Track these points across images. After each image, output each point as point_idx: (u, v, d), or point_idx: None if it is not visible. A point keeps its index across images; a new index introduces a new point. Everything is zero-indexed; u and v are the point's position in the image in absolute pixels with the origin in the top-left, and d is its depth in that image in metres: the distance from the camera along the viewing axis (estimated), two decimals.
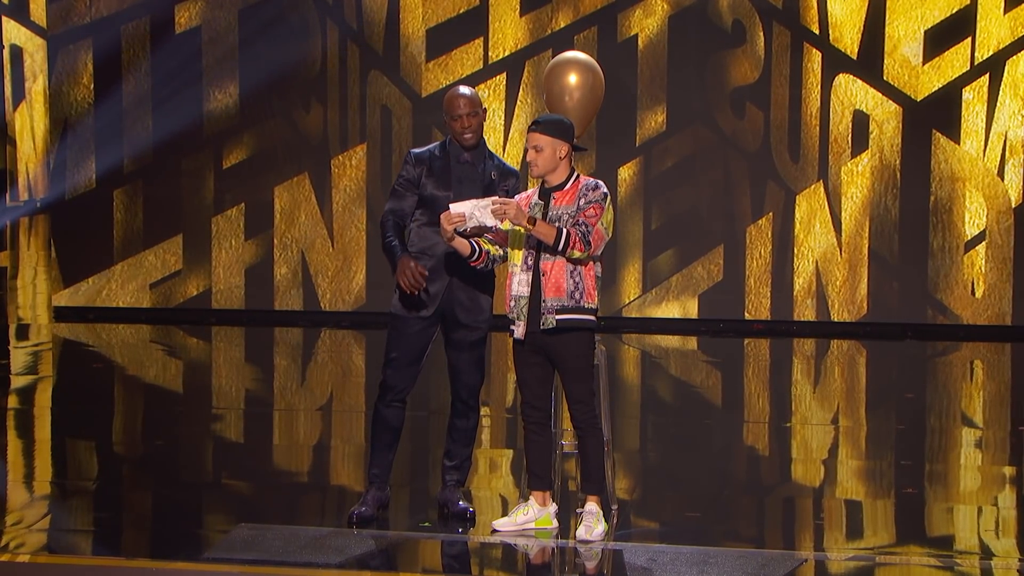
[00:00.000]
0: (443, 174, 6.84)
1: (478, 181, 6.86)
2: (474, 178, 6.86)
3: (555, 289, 6.56)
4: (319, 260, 13.75)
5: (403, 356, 6.90)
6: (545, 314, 6.57)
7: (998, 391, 11.40)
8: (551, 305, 6.56)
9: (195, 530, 7.05)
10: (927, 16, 12.99)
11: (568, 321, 6.57)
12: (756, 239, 13.25)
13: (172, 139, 13.73)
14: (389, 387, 6.95)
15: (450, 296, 6.87)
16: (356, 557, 6.52)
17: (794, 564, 6.43)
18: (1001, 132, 12.95)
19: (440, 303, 6.86)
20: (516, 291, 6.66)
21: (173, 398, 10.78)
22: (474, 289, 6.91)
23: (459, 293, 6.88)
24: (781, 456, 8.92)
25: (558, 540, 6.77)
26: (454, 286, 6.87)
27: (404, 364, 6.91)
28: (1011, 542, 6.94)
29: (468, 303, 6.91)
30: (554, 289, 6.56)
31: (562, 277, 6.56)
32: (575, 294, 6.57)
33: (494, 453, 8.95)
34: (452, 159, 6.87)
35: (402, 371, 6.92)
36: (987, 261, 13.06)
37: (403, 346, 6.88)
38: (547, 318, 6.57)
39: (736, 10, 13.16)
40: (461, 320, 6.91)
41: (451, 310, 6.89)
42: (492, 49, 13.48)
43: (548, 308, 6.56)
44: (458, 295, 6.88)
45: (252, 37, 13.57)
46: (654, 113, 13.29)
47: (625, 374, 11.80)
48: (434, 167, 6.85)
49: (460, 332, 6.94)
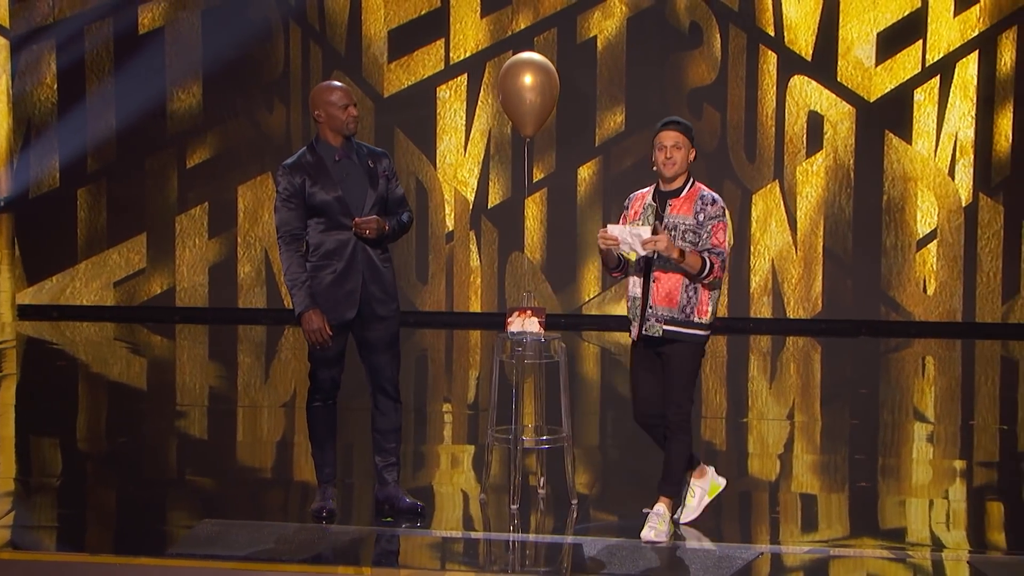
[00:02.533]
0: (325, 177, 6.78)
1: (361, 175, 6.84)
2: (354, 172, 6.83)
3: (666, 299, 6.61)
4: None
5: (328, 358, 6.89)
6: (652, 320, 6.62)
7: (949, 386, 11.54)
8: (660, 314, 6.61)
9: (159, 526, 7.05)
10: (879, 19, 13.15)
11: (674, 333, 6.61)
12: None
13: (136, 138, 13.75)
14: (322, 388, 6.96)
15: (366, 292, 6.86)
16: (321, 552, 6.55)
17: (751, 557, 6.50)
18: (951, 132, 13.12)
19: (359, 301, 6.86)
20: (632, 292, 6.74)
21: (137, 395, 10.77)
22: (382, 279, 6.90)
23: (372, 287, 6.87)
24: (738, 451, 8.97)
25: (519, 535, 6.85)
26: (366, 281, 6.85)
27: (331, 365, 6.91)
28: (961, 534, 7.06)
29: (381, 295, 6.90)
30: (665, 299, 6.61)
31: (676, 289, 6.59)
32: (687, 308, 6.60)
33: (455, 449, 9.00)
34: (327, 160, 6.83)
35: (330, 372, 6.92)
36: (938, 259, 13.23)
37: (326, 349, 6.84)
38: (654, 325, 6.62)
39: (693, 12, 13.28)
40: (379, 313, 6.89)
41: (368, 305, 6.88)
42: (453, 50, 13.55)
43: (657, 316, 6.61)
44: (372, 290, 6.87)
45: (215, 38, 13.58)
46: (613, 113, 13.40)
47: (585, 371, 11.86)
48: (313, 173, 6.79)
49: (379, 327, 6.92)
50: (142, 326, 13.50)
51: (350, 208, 6.78)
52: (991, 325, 13.18)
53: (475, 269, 13.70)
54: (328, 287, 6.80)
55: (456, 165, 13.64)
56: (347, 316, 6.84)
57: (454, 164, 13.64)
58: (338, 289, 6.80)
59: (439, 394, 11.10)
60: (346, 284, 6.82)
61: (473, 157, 13.60)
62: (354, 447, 8.34)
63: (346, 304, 6.83)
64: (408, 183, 13.45)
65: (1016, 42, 13.04)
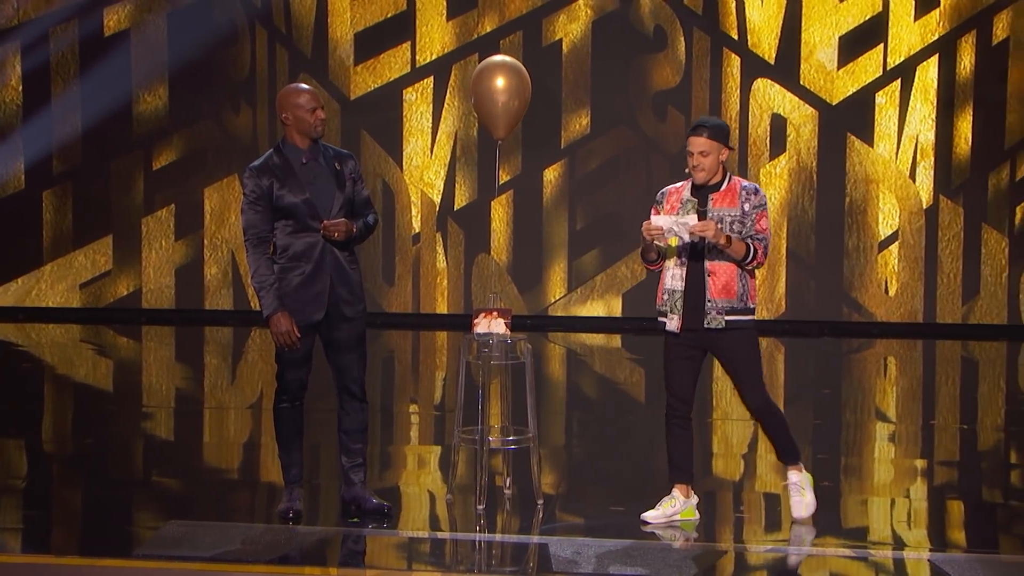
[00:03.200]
0: (292, 180, 6.78)
1: (328, 177, 6.84)
2: (323, 175, 6.83)
3: (725, 291, 6.73)
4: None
5: (296, 359, 6.90)
6: (713, 313, 6.72)
7: (910, 386, 11.62)
8: (720, 306, 6.72)
9: (125, 527, 7.04)
10: (841, 23, 13.26)
11: (735, 322, 6.74)
12: None
13: (101, 140, 13.72)
14: (289, 389, 6.96)
15: (333, 294, 6.86)
16: (288, 553, 6.56)
17: (715, 556, 6.55)
18: (912, 135, 13.24)
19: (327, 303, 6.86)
20: (670, 285, 6.83)
21: (103, 397, 10.75)
22: (349, 281, 6.91)
23: (340, 289, 6.88)
24: (703, 451, 9.01)
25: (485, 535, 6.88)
26: (334, 283, 6.86)
27: (298, 367, 6.92)
28: (922, 533, 7.11)
29: (349, 296, 6.90)
30: (724, 291, 6.73)
31: (733, 280, 6.72)
32: (743, 296, 6.75)
33: (422, 450, 9.02)
34: (294, 163, 6.82)
35: (297, 373, 6.93)
36: (900, 260, 13.35)
37: (294, 351, 6.86)
38: (716, 318, 6.73)
39: (658, 16, 13.35)
40: (346, 314, 6.90)
41: (336, 307, 6.89)
42: (419, 53, 13.58)
43: (717, 308, 6.73)
44: (339, 291, 6.88)
45: (181, 40, 13.56)
46: (578, 116, 13.45)
47: (551, 371, 11.90)
48: (280, 176, 6.78)
49: (345, 327, 6.92)
50: (108, 328, 13.47)
51: (318, 210, 6.80)
52: (951, 326, 13.30)
53: (441, 271, 13.74)
54: (296, 289, 6.82)
55: (422, 167, 13.67)
56: (315, 318, 6.86)
57: (420, 166, 13.67)
58: (306, 291, 6.82)
59: (406, 395, 11.12)
60: (314, 286, 6.84)
61: (439, 159, 13.64)
62: (321, 448, 8.35)
63: (314, 306, 6.85)
64: (375, 185, 13.47)
65: (975, 46, 13.17)
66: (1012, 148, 13.21)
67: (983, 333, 13.23)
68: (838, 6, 13.23)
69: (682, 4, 13.29)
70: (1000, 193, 13.26)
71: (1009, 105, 13.16)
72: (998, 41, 13.17)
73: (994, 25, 13.16)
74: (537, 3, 13.43)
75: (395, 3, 13.58)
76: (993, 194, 13.27)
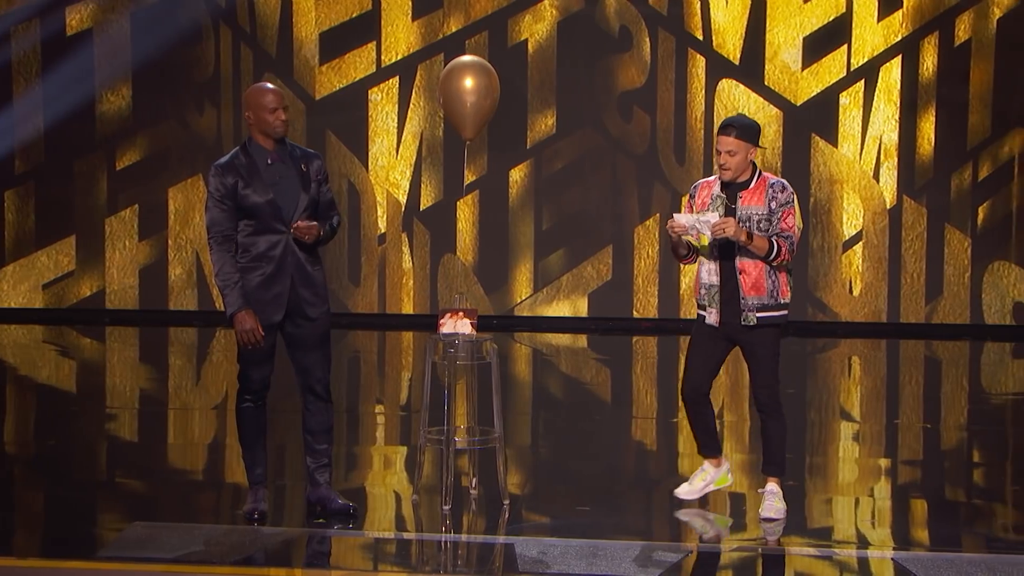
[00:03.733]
0: (257, 180, 6.76)
1: (293, 178, 6.82)
2: (288, 176, 6.82)
3: (755, 288, 6.87)
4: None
5: (258, 358, 6.88)
6: (746, 311, 6.88)
7: (875, 386, 11.69)
8: (752, 303, 6.88)
9: (88, 529, 7.00)
10: (805, 24, 13.32)
11: (767, 319, 6.90)
12: (644, 239, 13.50)
13: (64, 140, 13.65)
14: (251, 389, 6.95)
15: (295, 295, 6.85)
16: (253, 554, 6.55)
17: (680, 555, 6.57)
18: (876, 136, 13.31)
19: (287, 304, 6.84)
20: (707, 280, 6.96)
21: (67, 398, 10.71)
22: (313, 282, 6.90)
23: (302, 291, 6.86)
24: (668, 451, 9.05)
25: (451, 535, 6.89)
26: (296, 284, 6.84)
27: (260, 365, 6.90)
28: (886, 531, 7.15)
29: (312, 298, 6.89)
30: (754, 288, 6.87)
31: (762, 277, 6.86)
32: (774, 292, 6.88)
33: (388, 450, 9.02)
34: (260, 163, 6.81)
35: (260, 372, 6.92)
36: (864, 260, 13.42)
37: (259, 351, 6.84)
38: (749, 315, 6.88)
39: (623, 16, 13.38)
40: (309, 315, 6.89)
41: (298, 308, 6.87)
42: (384, 53, 13.56)
43: (749, 306, 6.88)
44: (302, 292, 6.86)
45: (144, 39, 13.51)
46: (544, 116, 13.47)
47: (517, 372, 11.92)
48: (245, 175, 6.77)
49: (308, 327, 6.90)
50: (71, 328, 13.41)
51: (282, 212, 6.79)
52: (915, 325, 13.39)
53: (407, 271, 13.73)
54: (256, 289, 6.81)
55: (388, 167, 13.66)
56: (274, 319, 6.84)
57: (386, 166, 13.66)
58: (265, 292, 6.81)
59: (371, 395, 11.12)
60: (274, 287, 6.82)
61: (405, 159, 13.62)
62: (286, 449, 8.34)
63: (273, 307, 6.83)
64: (340, 185, 13.45)
65: (938, 47, 13.25)
66: (974, 149, 13.30)
67: (946, 332, 13.31)
68: (802, 7, 13.29)
69: (647, 5, 13.33)
70: (963, 193, 13.35)
71: (971, 106, 13.25)
72: (960, 42, 13.25)
73: (956, 26, 13.25)
74: (503, 3, 13.44)
75: (360, 3, 13.56)
76: (956, 194, 13.36)
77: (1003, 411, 10.48)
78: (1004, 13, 13.20)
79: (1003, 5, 13.20)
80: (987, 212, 13.36)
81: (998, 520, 7.29)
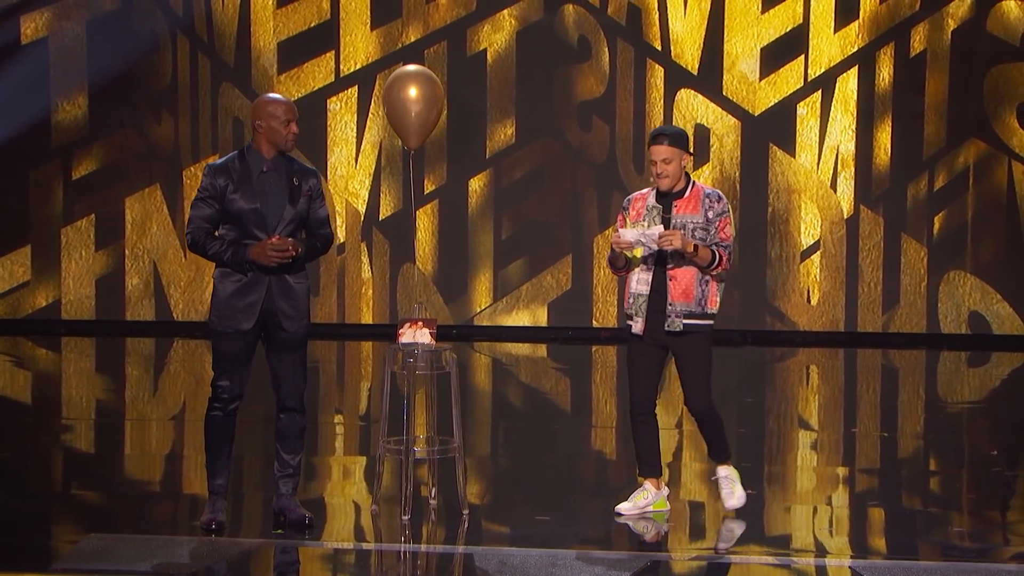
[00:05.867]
0: (247, 186, 6.76)
1: (283, 189, 6.81)
2: (278, 187, 6.80)
3: (683, 295, 6.96)
4: (171, 271, 13.69)
5: (230, 367, 6.86)
6: (672, 317, 6.96)
7: (832, 395, 11.77)
8: (679, 309, 6.96)
9: (43, 541, 6.96)
10: (763, 34, 13.40)
11: (692, 326, 6.98)
12: (603, 249, 13.52)
13: (19, 150, 13.56)
14: (220, 397, 6.93)
15: (271, 306, 6.82)
16: (211, 565, 6.52)
17: (639, 564, 6.57)
18: (833, 146, 13.40)
19: (260, 314, 6.82)
20: (636, 289, 7.05)
21: (21, 409, 10.63)
22: (293, 296, 6.87)
23: (280, 302, 6.83)
24: (628, 460, 9.06)
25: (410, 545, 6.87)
26: (273, 295, 6.82)
27: (232, 374, 6.88)
28: (844, 540, 7.20)
29: (290, 311, 6.86)
30: (683, 295, 6.96)
31: (691, 284, 6.95)
32: (702, 301, 6.97)
33: (347, 460, 9.00)
34: (254, 170, 6.81)
35: (232, 381, 6.90)
36: (821, 270, 13.50)
37: (229, 358, 6.84)
38: (674, 321, 6.96)
39: (582, 26, 13.42)
40: (286, 327, 6.86)
41: (274, 319, 6.85)
42: (343, 62, 13.55)
43: (676, 312, 6.96)
44: (279, 304, 6.83)
45: (101, 48, 13.44)
46: (503, 126, 13.49)
47: (476, 381, 11.92)
48: (236, 180, 6.77)
49: (283, 338, 6.89)
50: (27, 339, 13.32)
51: (265, 221, 6.77)
52: (872, 335, 13.48)
53: (367, 280, 13.71)
54: (230, 296, 6.79)
55: (347, 177, 13.64)
56: (243, 327, 6.82)
57: (345, 176, 13.64)
58: (239, 299, 6.79)
59: (331, 405, 11.09)
60: (249, 295, 6.80)
61: (364, 169, 13.61)
62: (244, 459, 8.31)
63: (244, 315, 6.81)
64: None
65: (894, 58, 13.36)
66: (930, 159, 13.41)
67: (903, 342, 13.40)
68: (759, 18, 13.37)
69: (606, 15, 13.37)
70: (919, 203, 13.45)
71: (927, 116, 13.36)
72: (915, 53, 13.37)
73: (912, 37, 13.36)
74: (462, 13, 13.45)
75: (319, 12, 13.54)
76: (912, 204, 13.46)
77: (959, 419, 10.56)
78: (958, 25, 13.32)
79: (957, 17, 13.32)
80: (943, 222, 13.47)
81: (954, 528, 7.33)
